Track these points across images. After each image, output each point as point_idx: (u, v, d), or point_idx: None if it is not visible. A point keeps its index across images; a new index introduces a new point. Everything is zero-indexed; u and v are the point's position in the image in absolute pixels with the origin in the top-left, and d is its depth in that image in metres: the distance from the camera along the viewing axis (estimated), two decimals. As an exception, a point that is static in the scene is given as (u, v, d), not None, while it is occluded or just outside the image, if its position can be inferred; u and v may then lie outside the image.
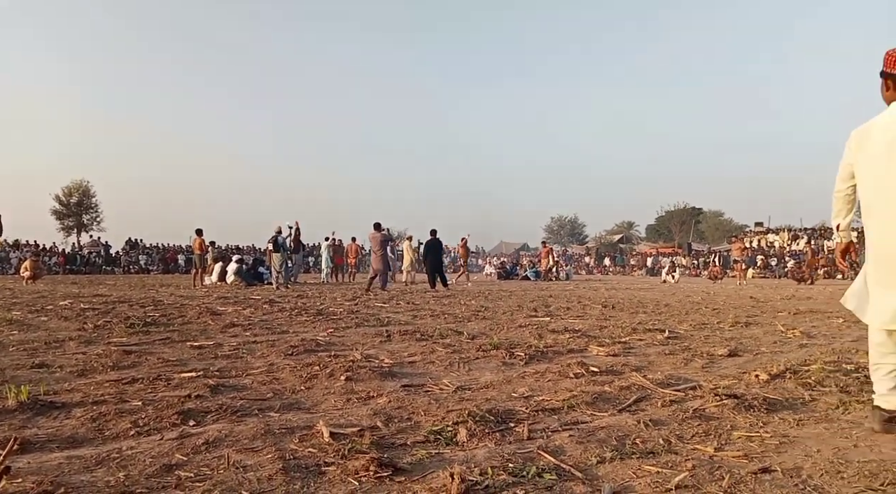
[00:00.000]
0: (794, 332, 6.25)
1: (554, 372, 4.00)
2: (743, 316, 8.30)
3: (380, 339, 5.57)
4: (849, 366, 4.16)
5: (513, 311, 8.83)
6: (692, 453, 2.37)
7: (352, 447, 2.33)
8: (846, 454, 2.35)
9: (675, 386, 3.58)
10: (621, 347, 5.16)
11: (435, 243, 16.77)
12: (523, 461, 2.24)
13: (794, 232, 40.77)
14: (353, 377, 3.78)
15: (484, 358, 4.58)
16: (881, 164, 2.57)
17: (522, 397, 3.32)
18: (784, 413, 2.96)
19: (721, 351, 4.87)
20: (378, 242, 14.38)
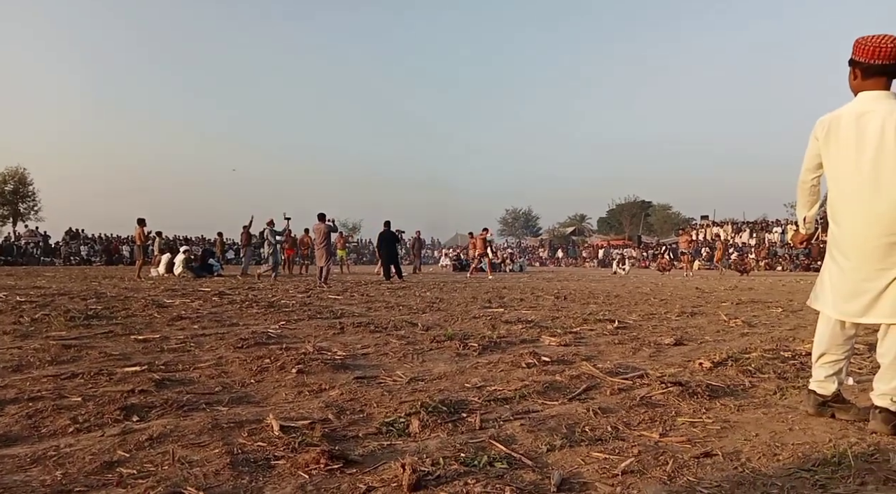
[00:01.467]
0: (736, 321, 6.50)
1: (507, 362, 4.04)
2: (689, 306, 8.57)
3: (333, 331, 5.51)
4: (786, 354, 4.34)
5: (467, 303, 8.88)
6: (639, 439, 2.43)
7: (302, 440, 2.30)
8: (782, 437, 2.46)
9: (623, 374, 3.67)
10: (573, 337, 5.25)
11: (389, 234, 16.70)
12: (475, 450, 2.26)
13: (737, 225, 42.30)
14: (304, 369, 3.73)
15: (438, 349, 4.59)
16: (850, 156, 2.59)
17: (475, 387, 3.34)
18: (725, 400, 3.07)
19: (668, 341, 5.02)
20: (322, 233, 14.00)
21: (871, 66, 2.54)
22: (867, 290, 2.56)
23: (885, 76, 2.54)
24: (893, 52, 2.48)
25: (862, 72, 2.59)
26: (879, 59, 2.51)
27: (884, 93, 2.55)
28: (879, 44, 2.50)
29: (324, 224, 14.19)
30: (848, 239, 2.64)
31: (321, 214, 14.40)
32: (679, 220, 57.62)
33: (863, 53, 2.56)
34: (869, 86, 2.58)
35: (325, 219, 14.31)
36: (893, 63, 2.50)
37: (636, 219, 61.18)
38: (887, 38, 2.50)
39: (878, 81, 2.56)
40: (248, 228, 20.17)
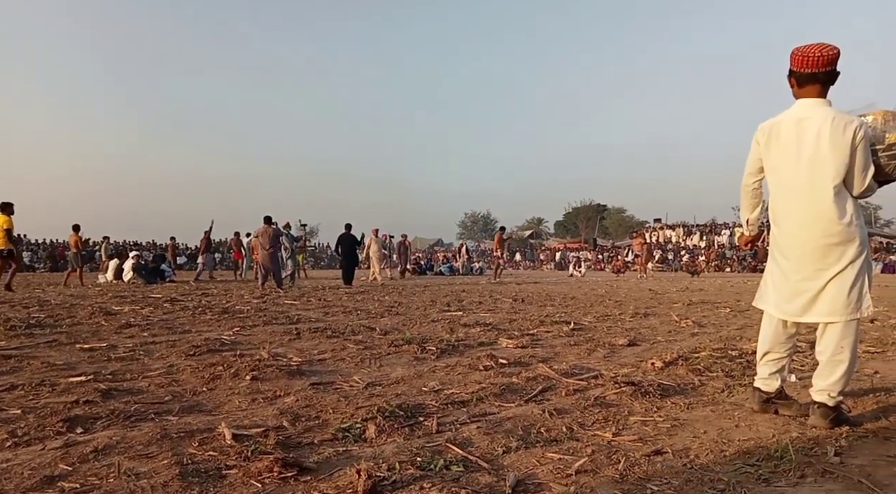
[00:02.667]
0: (687, 322, 6.69)
1: (464, 365, 4.06)
2: (642, 307, 8.77)
3: (289, 337, 5.42)
4: (734, 353, 4.49)
5: (426, 306, 8.87)
6: (592, 439, 2.48)
7: (255, 448, 2.25)
8: (728, 434, 2.54)
9: (578, 375, 3.73)
10: (529, 339, 5.31)
11: (349, 238, 16.52)
12: (431, 454, 2.26)
13: (688, 228, 43.56)
14: (259, 376, 3.66)
15: (396, 353, 4.57)
16: (790, 160, 2.70)
17: (433, 391, 3.34)
18: (676, 398, 3.16)
19: (621, 341, 5.13)
20: (269, 237, 13.45)
21: (803, 74, 2.67)
22: (806, 290, 2.68)
23: (818, 83, 2.67)
24: (821, 60, 2.61)
25: (797, 80, 2.71)
26: (809, 68, 2.64)
27: (820, 100, 2.68)
28: (808, 53, 2.63)
29: (271, 227, 13.63)
30: (788, 240, 2.76)
31: (267, 217, 13.85)
32: (633, 223, 58.89)
33: (795, 63, 2.68)
34: (805, 94, 2.70)
35: (272, 221, 13.77)
36: (823, 71, 2.62)
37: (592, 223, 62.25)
38: (815, 48, 2.62)
39: (812, 89, 2.68)
40: (209, 233, 19.61)
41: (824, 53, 2.62)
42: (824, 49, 2.62)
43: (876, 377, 3.70)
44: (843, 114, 2.61)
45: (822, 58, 2.62)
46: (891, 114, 2.72)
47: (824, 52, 2.62)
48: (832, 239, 2.61)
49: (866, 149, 2.60)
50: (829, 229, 2.61)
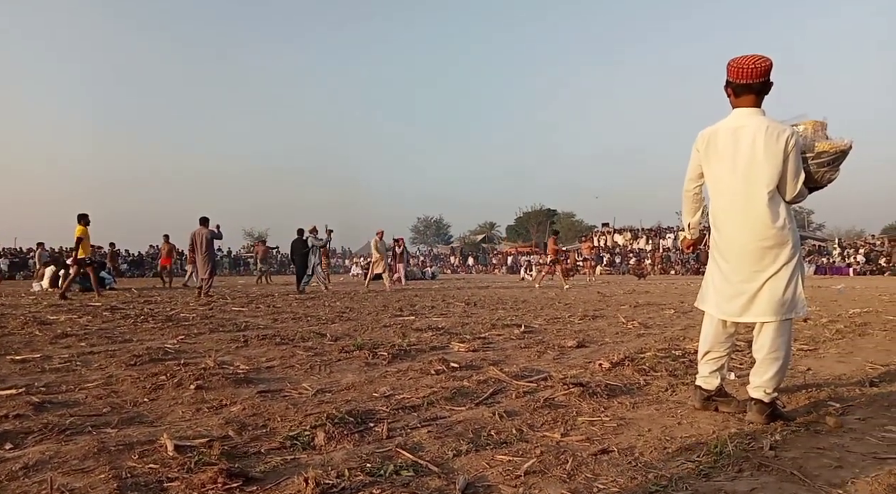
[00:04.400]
0: (634, 323, 6.86)
1: (416, 369, 4.05)
2: (591, 309, 8.96)
3: (236, 345, 5.29)
4: (677, 352, 4.64)
5: (378, 312, 8.82)
6: (542, 440, 2.51)
7: (199, 459, 2.19)
8: (671, 431, 2.62)
9: (528, 377, 3.77)
10: (481, 343, 5.34)
11: (300, 243, 16.23)
12: (382, 460, 2.24)
13: (634, 232, 44.79)
14: (204, 385, 3.55)
15: (346, 359, 4.52)
16: (727, 167, 2.82)
17: (383, 396, 3.32)
18: (622, 398, 3.24)
19: (570, 343, 5.22)
20: (204, 239, 12.57)
21: (738, 85, 2.79)
22: (744, 291, 2.79)
23: (752, 94, 2.79)
24: (754, 71, 2.73)
25: (734, 91, 2.84)
26: (743, 79, 2.77)
27: (755, 110, 2.80)
28: (741, 64, 2.76)
29: (206, 229, 12.73)
30: (727, 243, 2.87)
31: (203, 218, 13.03)
32: (582, 228, 60.16)
33: (732, 74, 2.81)
34: (741, 104, 2.83)
35: (208, 223, 12.91)
36: (757, 82, 2.75)
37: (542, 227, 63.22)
38: (749, 59, 2.75)
39: (748, 99, 2.81)
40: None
41: (758, 65, 2.74)
42: (758, 61, 2.74)
43: (808, 373, 3.88)
44: (777, 124, 2.74)
45: (756, 69, 2.74)
46: (820, 125, 2.88)
47: (758, 64, 2.74)
48: (767, 242, 2.73)
49: (797, 158, 2.73)
50: (764, 233, 2.73)
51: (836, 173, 2.86)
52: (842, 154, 2.80)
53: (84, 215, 12.44)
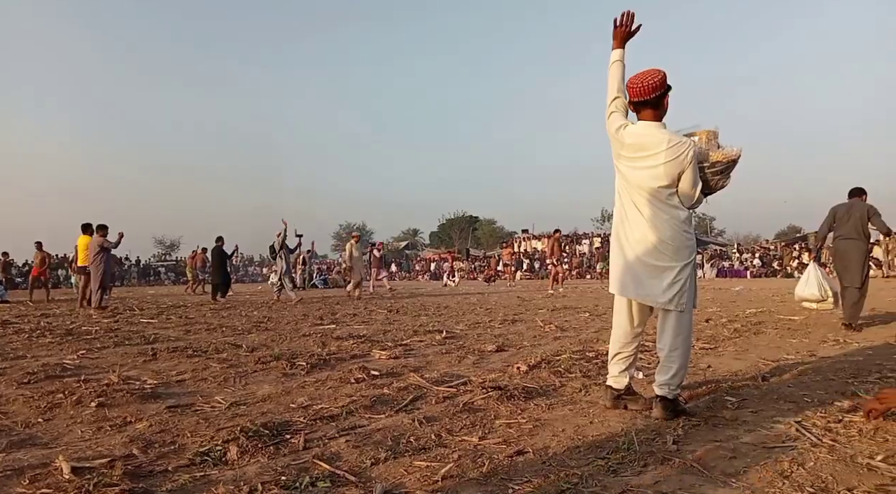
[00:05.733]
0: (551, 327, 7.07)
1: (335, 378, 3.99)
2: (510, 314, 9.14)
3: (143, 358, 5.02)
4: (591, 354, 4.82)
5: (297, 321, 8.61)
6: (460, 444, 2.54)
7: (99, 481, 2.06)
8: (583, 430, 2.72)
9: (448, 383, 3.81)
10: (402, 350, 5.33)
11: (219, 251, 15.62)
12: (298, 472, 2.19)
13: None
14: (106, 402, 3.35)
15: (263, 370, 4.39)
16: (632, 173, 2.99)
17: (301, 407, 3.25)
18: (539, 400, 3.33)
19: (490, 347, 5.31)
20: (93, 249, 11.41)
21: (637, 102, 2.99)
22: (647, 280, 2.95)
23: (649, 108, 2.98)
24: (645, 89, 2.93)
25: (634, 107, 3.03)
26: (637, 97, 2.97)
27: (655, 124, 2.98)
28: (634, 84, 2.98)
29: (98, 237, 11.48)
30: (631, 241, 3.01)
31: (86, 225, 11.86)
32: (503, 234, 61.40)
33: (631, 93, 3.00)
34: (643, 118, 3.02)
35: (91, 229, 11.73)
36: (650, 97, 2.94)
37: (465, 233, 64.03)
38: (639, 78, 2.96)
39: (646, 113, 3.00)
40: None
41: (646, 83, 2.93)
42: (646, 79, 2.93)
43: (708, 370, 4.14)
44: (676, 137, 2.92)
45: (646, 86, 2.93)
46: (712, 134, 3.10)
47: (646, 81, 2.93)
48: (666, 244, 2.90)
49: (695, 167, 2.92)
50: (664, 236, 2.90)
51: (727, 180, 3.09)
52: (733, 163, 3.03)
53: (88, 225, 11.81)
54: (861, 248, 6.84)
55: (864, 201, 6.99)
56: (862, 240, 6.85)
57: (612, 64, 3.18)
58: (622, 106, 3.11)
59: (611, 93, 3.16)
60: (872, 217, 6.80)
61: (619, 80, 3.14)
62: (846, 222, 6.91)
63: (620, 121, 3.06)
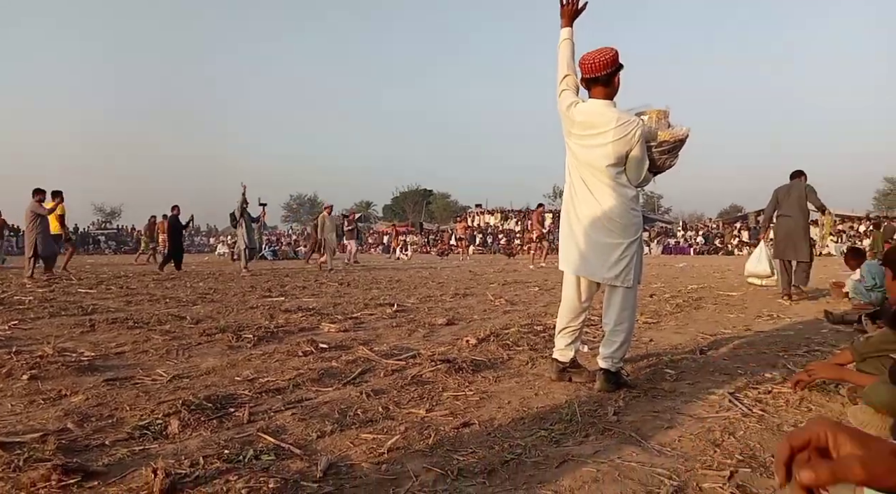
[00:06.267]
0: (501, 301, 7.16)
1: (283, 352, 3.94)
2: (462, 288, 9.20)
3: (81, 330, 4.82)
4: (539, 328, 4.91)
5: (245, 293, 8.44)
6: (407, 417, 2.55)
7: (29, 456, 1.98)
8: (529, 402, 2.78)
9: (398, 356, 3.81)
10: (352, 323, 5.30)
11: (174, 221, 15.07)
12: (241, 445, 2.16)
13: (505, 213, 46.57)
14: (39, 375, 3.21)
15: (208, 342, 4.29)
16: (581, 150, 3.01)
17: (247, 380, 3.19)
18: (486, 372, 3.37)
19: (440, 321, 5.33)
20: (26, 213, 10.85)
21: (587, 79, 3.00)
22: (596, 256, 3.01)
23: (600, 85, 3.00)
24: (596, 65, 2.95)
25: (585, 84, 3.04)
26: (588, 73, 2.99)
27: (605, 102, 3.01)
28: (586, 60, 2.99)
29: (31, 202, 10.92)
30: (581, 219, 3.06)
31: (37, 189, 11.17)
32: (457, 208, 61.50)
33: (581, 69, 3.01)
34: (594, 95, 3.05)
35: (38, 195, 11.03)
36: (602, 74, 2.95)
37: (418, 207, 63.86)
38: (591, 54, 2.98)
39: (597, 90, 3.02)
40: None
41: (598, 59, 2.94)
42: (599, 55, 2.94)
43: (650, 344, 4.28)
44: (625, 115, 2.95)
45: (597, 62, 2.94)
46: (662, 114, 3.14)
47: (598, 58, 2.94)
48: (613, 219, 2.96)
49: (643, 146, 2.97)
50: (612, 213, 2.96)
51: (675, 159, 3.16)
52: (680, 142, 3.09)
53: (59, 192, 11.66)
54: (802, 224, 7.42)
55: (802, 181, 7.52)
56: (802, 216, 7.43)
57: (561, 42, 3.18)
58: (573, 83, 3.13)
59: (561, 70, 3.17)
60: (809, 194, 7.42)
61: (570, 58, 3.14)
62: (787, 201, 7.51)
63: (571, 99, 3.08)
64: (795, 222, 7.42)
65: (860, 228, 31.41)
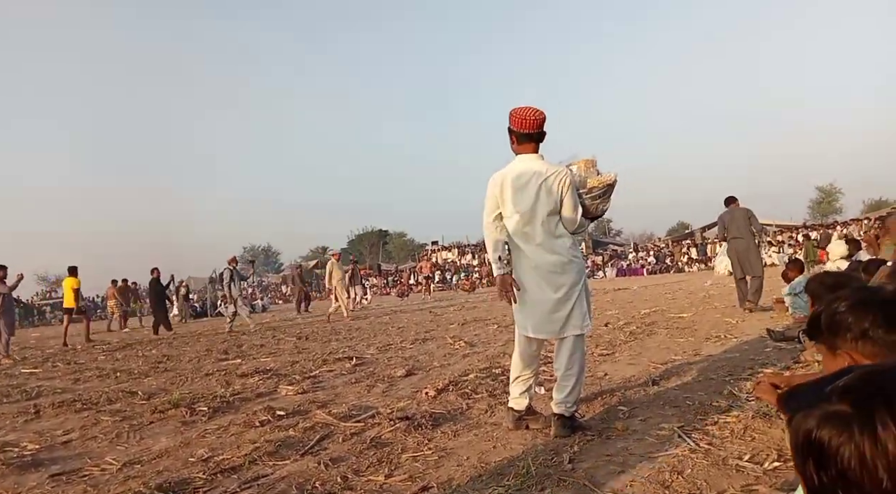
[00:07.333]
0: (460, 343, 7.18)
1: (239, 423, 3.87)
2: (422, 331, 9.20)
3: (24, 418, 4.62)
4: (497, 370, 4.96)
5: (200, 357, 8.22)
6: (366, 485, 2.55)
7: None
8: (486, 456, 2.81)
9: (356, 417, 3.78)
10: (311, 382, 5.24)
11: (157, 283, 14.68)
12: (195, 537, 2.11)
13: (462, 248, 46.89)
14: (-22, 478, 3.06)
15: (160, 420, 4.17)
16: (518, 206, 3.11)
17: (201, 460, 3.12)
18: (445, 426, 3.39)
19: (400, 372, 5.32)
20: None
21: (522, 134, 3.12)
22: (549, 312, 3.09)
23: (532, 142, 3.14)
24: (534, 123, 3.08)
25: (517, 138, 3.15)
26: (527, 129, 3.10)
27: (535, 155, 3.14)
28: (525, 116, 3.08)
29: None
30: (526, 273, 3.16)
31: None
32: (414, 246, 61.56)
33: (515, 124, 3.12)
34: (523, 150, 3.16)
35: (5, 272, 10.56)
36: (536, 132, 3.10)
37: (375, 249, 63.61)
38: (530, 111, 3.09)
39: (528, 146, 3.15)
40: None
41: (537, 117, 3.09)
42: (537, 113, 3.09)
43: (605, 379, 4.38)
44: (555, 167, 3.09)
45: (536, 121, 3.09)
46: (590, 162, 3.31)
47: (537, 116, 3.09)
48: (556, 268, 3.07)
49: (574, 195, 3.11)
50: (553, 260, 3.07)
51: (607, 203, 3.31)
52: (609, 187, 3.25)
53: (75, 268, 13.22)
54: (751, 243, 8.54)
55: (739, 206, 8.73)
56: (750, 236, 8.55)
57: None
58: None
59: None
60: (751, 218, 8.59)
61: None
62: (733, 225, 8.62)
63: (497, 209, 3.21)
64: (746, 243, 8.51)
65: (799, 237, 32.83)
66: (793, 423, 0.69)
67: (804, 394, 0.70)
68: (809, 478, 0.65)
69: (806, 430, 0.66)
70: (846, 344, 1.36)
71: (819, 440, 0.64)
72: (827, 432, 0.63)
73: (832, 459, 0.62)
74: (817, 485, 0.64)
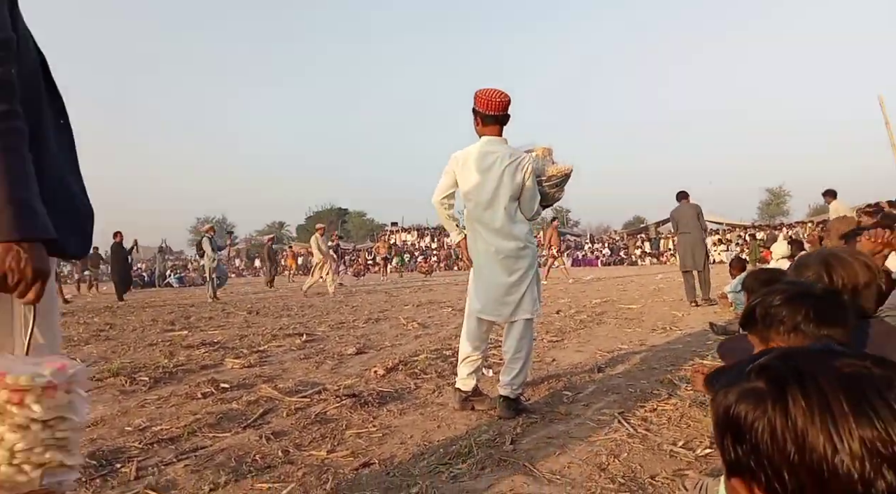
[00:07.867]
0: (413, 324, 7.19)
1: (180, 394, 3.78)
2: (376, 312, 9.16)
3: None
4: (448, 352, 4.98)
5: (145, 326, 8.01)
6: (307, 459, 2.52)
7: None
8: (431, 435, 2.82)
9: (302, 392, 3.75)
10: (258, 357, 5.16)
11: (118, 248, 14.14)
12: (125, 507, 2.06)
13: (421, 230, 46.87)
14: None
15: (98, 389, 4.04)
16: (478, 188, 3.12)
17: (138, 429, 3.04)
18: (392, 405, 3.38)
19: (350, 350, 5.29)
20: None
21: (487, 115, 3.11)
22: (503, 295, 3.12)
23: (497, 124, 3.13)
24: (500, 105, 3.07)
25: (482, 120, 3.14)
26: (492, 110, 3.09)
27: (499, 138, 3.15)
28: (491, 98, 3.07)
29: None
30: (481, 254, 3.19)
31: None
32: (374, 226, 61.18)
33: (481, 105, 3.10)
34: (488, 132, 3.15)
35: None
36: (501, 113, 3.10)
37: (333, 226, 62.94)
38: (497, 94, 3.08)
39: (493, 128, 3.14)
40: None
41: (503, 99, 3.08)
42: (503, 96, 3.09)
43: (552, 364, 4.45)
44: (517, 152, 3.11)
45: (502, 103, 3.08)
46: (548, 151, 3.33)
47: (503, 98, 3.08)
48: (513, 253, 3.10)
49: (534, 182, 3.13)
50: (508, 246, 3.09)
51: (562, 192, 3.35)
52: (566, 177, 3.28)
53: None
54: (699, 238, 8.86)
55: (689, 202, 8.67)
56: (698, 231, 8.85)
57: None
58: None
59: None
60: (699, 214, 8.90)
61: None
62: (683, 220, 8.92)
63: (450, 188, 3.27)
64: (694, 237, 8.83)
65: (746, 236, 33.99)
66: (714, 400, 0.71)
67: (727, 374, 0.72)
68: (727, 452, 0.68)
69: (725, 406, 0.68)
70: (779, 337, 1.41)
71: (736, 415, 0.66)
72: (744, 407, 0.65)
73: (747, 433, 0.64)
74: (733, 459, 0.67)
